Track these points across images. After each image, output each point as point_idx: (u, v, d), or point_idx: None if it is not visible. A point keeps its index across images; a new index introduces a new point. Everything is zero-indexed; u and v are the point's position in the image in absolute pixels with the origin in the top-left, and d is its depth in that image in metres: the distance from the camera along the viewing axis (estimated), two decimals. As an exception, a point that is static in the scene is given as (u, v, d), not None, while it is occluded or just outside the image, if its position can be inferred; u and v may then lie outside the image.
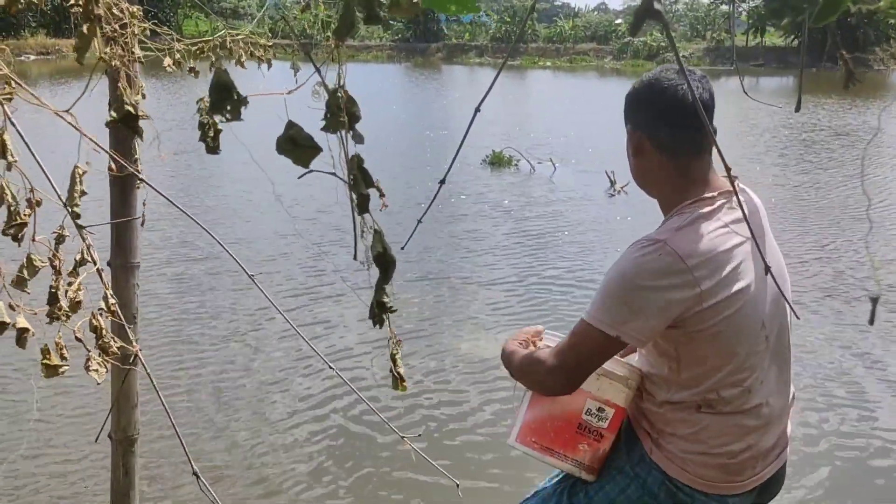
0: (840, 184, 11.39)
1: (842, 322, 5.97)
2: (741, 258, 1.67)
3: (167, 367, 5.01)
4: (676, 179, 1.74)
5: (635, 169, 1.84)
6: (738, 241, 1.68)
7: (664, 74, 1.74)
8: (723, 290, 1.63)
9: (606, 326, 1.64)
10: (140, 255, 2.79)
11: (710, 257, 1.63)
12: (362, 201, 0.73)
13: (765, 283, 1.72)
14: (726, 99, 23.96)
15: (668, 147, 1.73)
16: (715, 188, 1.73)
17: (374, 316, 0.84)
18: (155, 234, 7.84)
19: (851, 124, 18.01)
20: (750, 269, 1.68)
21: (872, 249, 7.93)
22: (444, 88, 29.22)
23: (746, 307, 1.67)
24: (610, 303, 1.66)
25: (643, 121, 1.76)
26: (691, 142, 1.72)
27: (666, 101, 1.71)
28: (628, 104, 1.81)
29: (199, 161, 11.78)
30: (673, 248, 1.62)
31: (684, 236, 1.65)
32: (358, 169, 0.73)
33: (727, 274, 1.64)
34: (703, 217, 1.68)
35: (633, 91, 1.80)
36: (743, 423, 1.75)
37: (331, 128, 0.72)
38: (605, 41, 50.03)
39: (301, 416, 4.46)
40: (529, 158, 12.77)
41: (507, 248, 8.04)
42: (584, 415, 1.88)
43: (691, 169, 1.73)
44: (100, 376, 1.60)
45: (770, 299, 1.74)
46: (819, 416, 4.53)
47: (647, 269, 1.63)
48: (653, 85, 1.74)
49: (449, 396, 4.74)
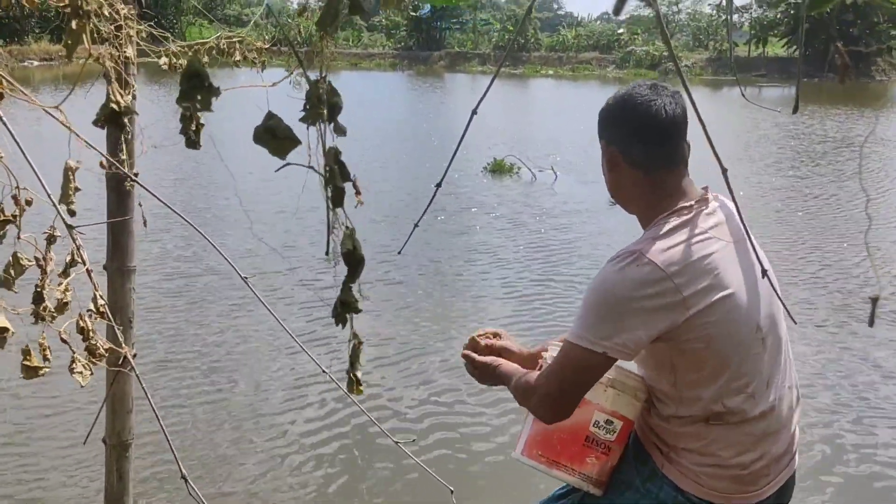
0: (839, 190, 11.37)
1: (838, 325, 5.95)
2: (723, 263, 1.66)
3: (159, 370, 4.99)
4: (651, 194, 1.75)
5: (610, 184, 1.85)
6: (718, 246, 1.67)
7: (637, 90, 1.76)
8: (707, 296, 1.62)
9: (591, 343, 1.63)
10: (136, 258, 2.78)
11: (690, 264, 1.62)
12: (337, 195, 0.72)
13: (756, 285, 1.70)
14: (729, 108, 24.01)
15: (641, 162, 1.74)
16: (691, 198, 1.73)
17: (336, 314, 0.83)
18: (151, 236, 7.83)
19: (853, 134, 18.01)
20: (735, 273, 1.67)
21: (872, 250, 7.91)
22: (447, 96, 29.26)
23: (736, 311, 1.65)
24: (592, 319, 1.65)
25: (617, 136, 1.78)
26: (665, 156, 1.74)
27: (639, 117, 1.72)
28: (602, 120, 1.83)
29: (198, 166, 11.79)
30: (650, 257, 1.62)
31: (661, 245, 1.64)
32: (335, 162, 0.71)
33: (710, 279, 1.63)
34: (681, 225, 1.68)
35: (607, 107, 1.82)
36: (753, 432, 1.73)
37: (309, 118, 0.71)
38: (607, 50, 50.12)
39: (293, 421, 4.44)
40: (531, 166, 12.77)
41: (506, 256, 8.03)
42: (591, 427, 1.84)
43: (666, 182, 1.74)
44: (84, 379, 1.59)
45: (763, 302, 1.72)
46: (816, 420, 4.50)
47: (626, 281, 1.62)
48: (626, 101, 1.76)
49: (444, 402, 4.72)
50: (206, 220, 8.99)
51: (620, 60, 47.33)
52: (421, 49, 53.49)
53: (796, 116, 20.58)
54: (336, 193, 0.72)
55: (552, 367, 1.73)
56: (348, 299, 0.85)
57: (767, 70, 42.90)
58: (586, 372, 1.67)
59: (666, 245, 1.64)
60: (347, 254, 0.76)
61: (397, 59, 51.09)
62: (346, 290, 0.84)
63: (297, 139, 0.72)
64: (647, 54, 46.20)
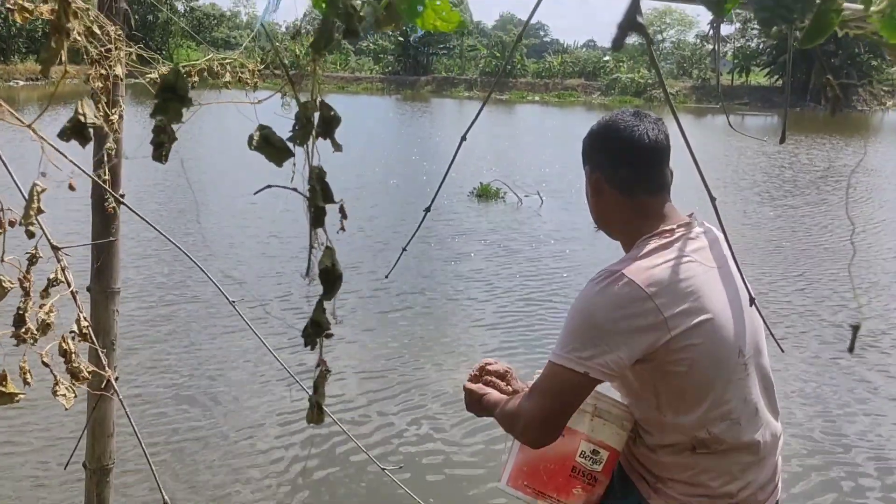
0: (823, 219, 11.48)
1: (822, 354, 5.97)
2: (704, 286, 1.66)
3: (141, 393, 4.93)
4: (634, 218, 1.76)
5: (595, 209, 1.85)
6: (699, 270, 1.67)
7: (621, 117, 1.77)
8: (688, 318, 1.61)
9: (573, 363, 1.61)
10: (120, 280, 2.75)
11: (670, 285, 1.62)
12: (318, 214, 0.71)
13: (739, 310, 1.70)
14: (713, 136, 24.26)
15: (624, 187, 1.75)
16: (673, 222, 1.74)
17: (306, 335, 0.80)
18: (135, 258, 7.78)
19: (839, 164, 18.22)
20: (716, 298, 1.67)
21: (856, 279, 7.96)
22: (434, 121, 29.39)
23: (717, 335, 1.65)
24: (573, 339, 1.63)
25: (601, 161, 1.79)
26: (648, 181, 1.75)
27: (622, 142, 1.74)
28: (586, 146, 1.84)
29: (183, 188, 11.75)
30: (631, 277, 1.61)
31: (642, 265, 1.64)
32: (318, 181, 0.70)
33: (690, 302, 1.62)
34: (661, 247, 1.68)
35: (591, 133, 1.83)
36: (740, 461, 1.71)
37: (297, 139, 0.70)
38: (593, 77, 50.71)
39: (278, 446, 4.39)
40: (517, 191, 12.82)
41: (493, 281, 8.02)
42: (577, 457, 1.81)
43: (649, 207, 1.75)
44: (68, 401, 1.56)
45: (746, 328, 1.72)
46: (798, 448, 4.50)
47: (607, 301, 1.62)
48: (609, 127, 1.77)
49: (431, 428, 4.68)
50: (191, 243, 8.94)
51: (606, 87, 47.88)
52: (408, 74, 53.89)
53: (780, 145, 20.81)
54: (317, 213, 0.71)
55: (535, 390, 1.71)
56: (320, 320, 0.81)
57: (750, 99, 43.53)
58: (569, 393, 1.65)
59: (646, 265, 1.64)
60: (324, 271, 0.74)
61: (384, 84, 51.41)
62: (318, 309, 0.81)
63: (291, 150, 0.71)
64: (632, 81, 46.77)
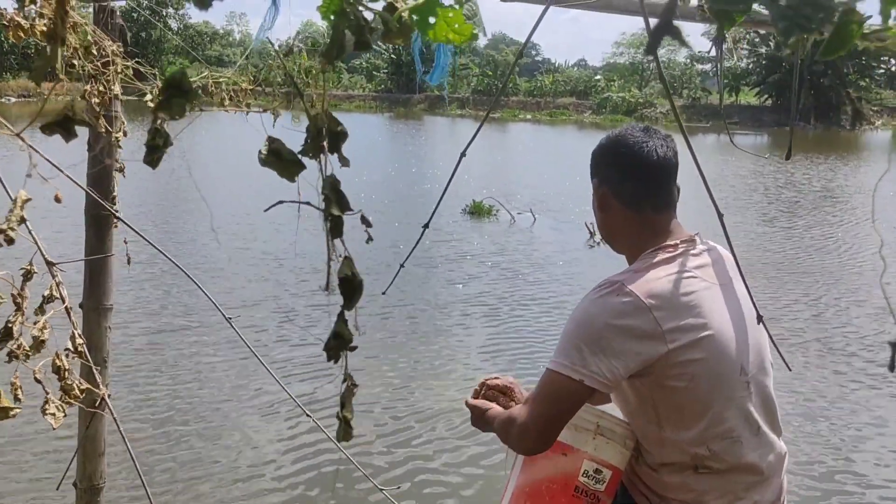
0: (824, 237, 11.53)
1: (830, 373, 5.96)
2: (706, 302, 1.66)
3: (135, 412, 4.88)
4: (640, 233, 1.76)
5: (601, 223, 1.86)
6: (702, 285, 1.68)
7: (630, 132, 1.78)
8: (688, 333, 1.61)
9: (570, 370, 1.61)
10: (113, 297, 2.73)
11: (670, 298, 1.62)
12: (335, 224, 0.69)
13: (743, 328, 1.70)
14: (705, 154, 24.40)
15: (632, 202, 1.76)
16: (678, 238, 1.75)
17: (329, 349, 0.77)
18: (130, 274, 7.73)
19: (834, 185, 18.34)
20: (719, 314, 1.67)
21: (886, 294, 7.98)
22: (427, 139, 29.48)
23: (719, 352, 1.64)
24: (571, 347, 1.63)
25: (608, 176, 1.79)
26: (654, 197, 1.76)
27: (631, 158, 1.74)
28: (595, 160, 1.84)
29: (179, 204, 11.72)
30: (631, 288, 1.62)
31: (643, 277, 1.65)
32: (332, 190, 0.69)
33: (691, 317, 1.62)
34: (664, 261, 1.69)
35: (600, 147, 1.83)
36: (743, 480, 1.70)
37: (309, 151, 0.69)
38: (584, 96, 51.01)
39: (274, 466, 4.34)
40: (509, 209, 12.83)
41: (486, 298, 8.00)
42: (581, 477, 1.78)
43: (655, 223, 1.76)
44: (56, 421, 1.53)
45: (749, 346, 1.71)
46: (804, 469, 4.48)
47: (606, 310, 1.62)
48: (619, 142, 1.78)
49: (430, 448, 4.64)
50: (188, 256, 8.90)
51: (597, 106, 48.15)
52: (401, 92, 54.06)
53: (773, 164, 20.95)
54: (334, 223, 0.69)
55: (531, 397, 1.72)
56: (343, 332, 0.78)
57: (740, 118, 43.82)
58: (564, 400, 1.64)
59: (648, 278, 1.64)
60: (344, 280, 0.72)
61: (377, 102, 51.58)
62: (340, 320, 0.78)
63: (303, 163, 0.70)
64: (623, 100, 47.06)
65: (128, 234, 2.15)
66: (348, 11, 0.71)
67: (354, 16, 0.71)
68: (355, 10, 0.71)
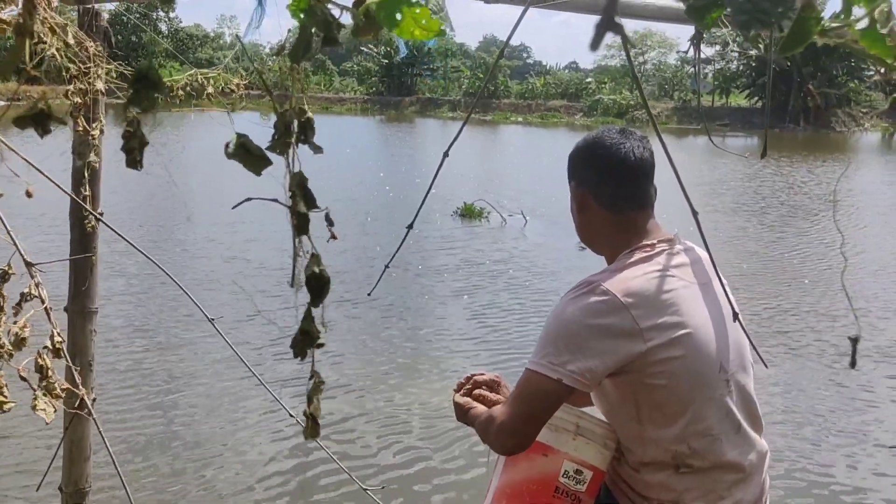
0: (802, 236, 11.58)
1: (808, 369, 5.99)
2: (684, 301, 1.67)
3: (119, 415, 4.86)
4: (619, 233, 1.77)
5: (580, 225, 1.86)
6: (679, 284, 1.69)
7: (606, 134, 1.80)
8: (667, 331, 1.62)
9: (548, 370, 1.62)
10: (98, 300, 2.72)
11: (647, 297, 1.63)
12: (301, 221, 0.69)
13: (722, 327, 1.71)
14: (695, 155, 24.48)
15: (610, 202, 1.77)
16: (655, 237, 1.76)
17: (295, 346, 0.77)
18: (115, 277, 7.70)
19: (820, 183, 18.43)
20: (697, 313, 1.68)
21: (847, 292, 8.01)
22: (417, 141, 29.48)
23: (698, 349, 1.65)
24: (549, 346, 1.64)
25: (586, 177, 1.81)
26: (632, 197, 1.77)
27: (608, 159, 1.76)
28: (572, 162, 1.85)
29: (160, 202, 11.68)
30: (608, 287, 1.63)
31: (620, 277, 1.66)
32: (299, 188, 0.69)
33: (669, 315, 1.63)
34: (641, 261, 1.70)
35: (577, 149, 1.84)
36: (725, 479, 1.70)
37: (277, 147, 0.69)
38: (575, 98, 51.12)
39: (259, 467, 4.33)
40: (501, 211, 12.84)
41: (478, 300, 8.00)
42: (561, 477, 1.78)
43: (633, 223, 1.77)
44: (48, 415, 1.52)
45: (729, 344, 1.72)
46: (785, 467, 4.50)
47: (583, 310, 1.63)
48: (595, 143, 1.79)
49: (414, 448, 4.64)
50: (171, 255, 8.87)
51: (588, 108, 48.26)
52: (392, 94, 54.06)
53: (760, 164, 21.03)
54: (300, 220, 0.69)
55: (510, 396, 1.72)
56: (310, 329, 0.77)
57: (730, 120, 43.98)
58: (543, 399, 1.65)
59: (625, 277, 1.66)
60: (311, 277, 0.72)
61: (369, 105, 51.56)
62: (307, 318, 0.78)
63: (269, 158, 0.70)
64: (614, 103, 47.18)
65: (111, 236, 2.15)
66: (315, 7, 0.71)
67: (321, 12, 0.71)
68: (323, 7, 0.72)
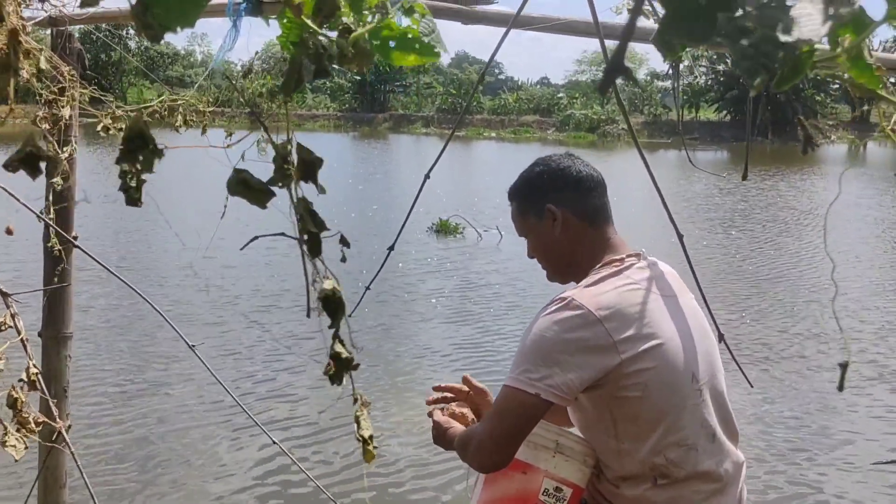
0: (779, 250, 11.73)
1: (788, 386, 6.05)
2: (654, 313, 1.70)
3: (95, 443, 4.77)
4: (594, 248, 1.82)
5: (560, 248, 1.87)
6: (650, 297, 1.72)
7: (556, 158, 1.88)
8: (639, 343, 1.65)
9: (525, 385, 1.63)
10: (73, 325, 2.67)
11: (620, 310, 1.66)
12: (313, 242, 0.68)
13: (691, 338, 1.74)
14: (666, 170, 24.76)
15: (590, 216, 1.83)
16: (622, 252, 1.81)
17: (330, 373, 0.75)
18: (89, 302, 7.59)
19: (784, 195, 18.71)
20: (667, 324, 1.71)
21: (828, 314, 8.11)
22: (392, 158, 29.49)
23: (669, 360, 1.67)
24: (525, 362, 1.66)
25: (563, 197, 1.83)
26: (603, 211, 1.84)
27: (576, 177, 1.83)
28: (540, 189, 1.87)
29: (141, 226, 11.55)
30: (581, 301, 1.66)
31: (592, 291, 1.69)
32: (306, 211, 0.68)
33: (640, 327, 1.66)
34: (611, 275, 1.74)
35: (538, 175, 1.87)
36: (701, 489, 1.71)
37: (278, 181, 0.68)
38: (547, 113, 51.50)
39: (236, 491, 4.27)
40: (476, 226, 12.86)
41: (453, 316, 8.00)
42: (541, 495, 1.77)
43: (606, 237, 1.83)
44: (17, 452, 1.49)
45: (700, 355, 1.75)
46: (764, 481, 4.52)
47: (559, 325, 1.65)
48: (554, 166, 1.86)
49: (394, 467, 4.61)
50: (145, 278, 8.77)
51: (560, 123, 48.64)
52: (365, 111, 54.13)
53: (736, 180, 21.31)
54: (311, 239, 0.68)
55: (489, 413, 1.73)
56: (339, 353, 0.76)
57: (700, 133, 44.59)
58: (522, 416, 1.66)
59: (596, 291, 1.68)
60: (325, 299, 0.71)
61: (341, 121, 51.54)
62: (335, 341, 0.76)
63: (272, 191, 0.69)
64: (585, 118, 47.60)
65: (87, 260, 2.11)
66: (307, 39, 0.70)
67: (313, 44, 0.70)
68: (314, 39, 0.71)
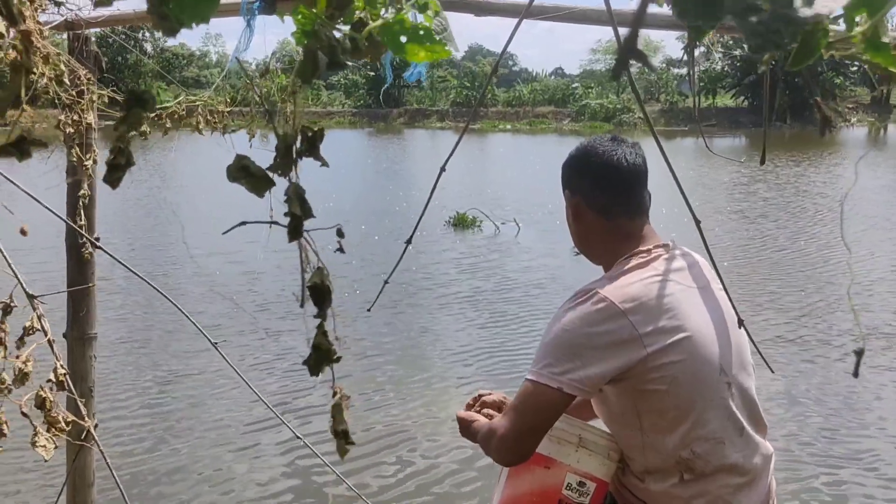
0: (802, 238, 11.62)
1: (811, 375, 6.00)
2: (682, 305, 1.66)
3: (123, 441, 4.82)
4: (614, 241, 1.78)
5: (576, 233, 1.87)
6: (678, 288, 1.69)
7: (598, 141, 1.81)
8: (666, 336, 1.62)
9: (547, 379, 1.61)
10: (97, 325, 2.70)
11: (646, 303, 1.63)
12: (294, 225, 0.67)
13: (721, 330, 1.71)
14: (684, 157, 24.57)
15: (605, 210, 1.78)
16: (651, 243, 1.77)
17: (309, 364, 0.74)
18: (114, 302, 7.66)
19: (804, 180, 18.51)
20: (696, 316, 1.68)
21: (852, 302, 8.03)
22: (408, 152, 29.49)
23: (697, 353, 1.65)
24: (548, 356, 1.64)
25: (580, 185, 1.81)
26: (626, 204, 1.78)
27: (601, 166, 1.76)
28: (566, 171, 1.86)
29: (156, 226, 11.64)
30: (606, 294, 1.63)
31: (617, 284, 1.66)
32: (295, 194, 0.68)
33: (667, 320, 1.63)
34: (637, 267, 1.70)
35: (570, 158, 1.85)
36: (729, 483, 1.69)
37: (278, 168, 0.68)
38: (562, 104, 51.22)
39: (264, 489, 4.30)
40: (493, 219, 12.84)
41: (472, 310, 8.00)
42: (564, 490, 1.77)
43: (628, 229, 1.78)
44: (48, 453, 1.51)
45: (729, 347, 1.72)
46: (790, 473, 4.49)
47: (581, 318, 1.63)
48: (588, 151, 1.80)
49: (415, 456, 4.62)
50: (169, 280, 8.84)
51: (576, 113, 48.38)
52: (380, 107, 54.10)
53: (755, 166, 21.11)
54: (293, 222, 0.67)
55: (510, 407, 1.72)
56: (321, 344, 0.74)
57: (717, 120, 44.14)
58: (544, 409, 1.64)
59: (622, 284, 1.65)
60: (313, 287, 0.71)
61: (357, 118, 51.58)
62: (318, 333, 0.75)
63: (272, 179, 0.69)
64: (601, 107, 47.31)
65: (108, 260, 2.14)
66: (320, 31, 0.71)
67: (326, 36, 0.71)
68: (327, 32, 0.71)
